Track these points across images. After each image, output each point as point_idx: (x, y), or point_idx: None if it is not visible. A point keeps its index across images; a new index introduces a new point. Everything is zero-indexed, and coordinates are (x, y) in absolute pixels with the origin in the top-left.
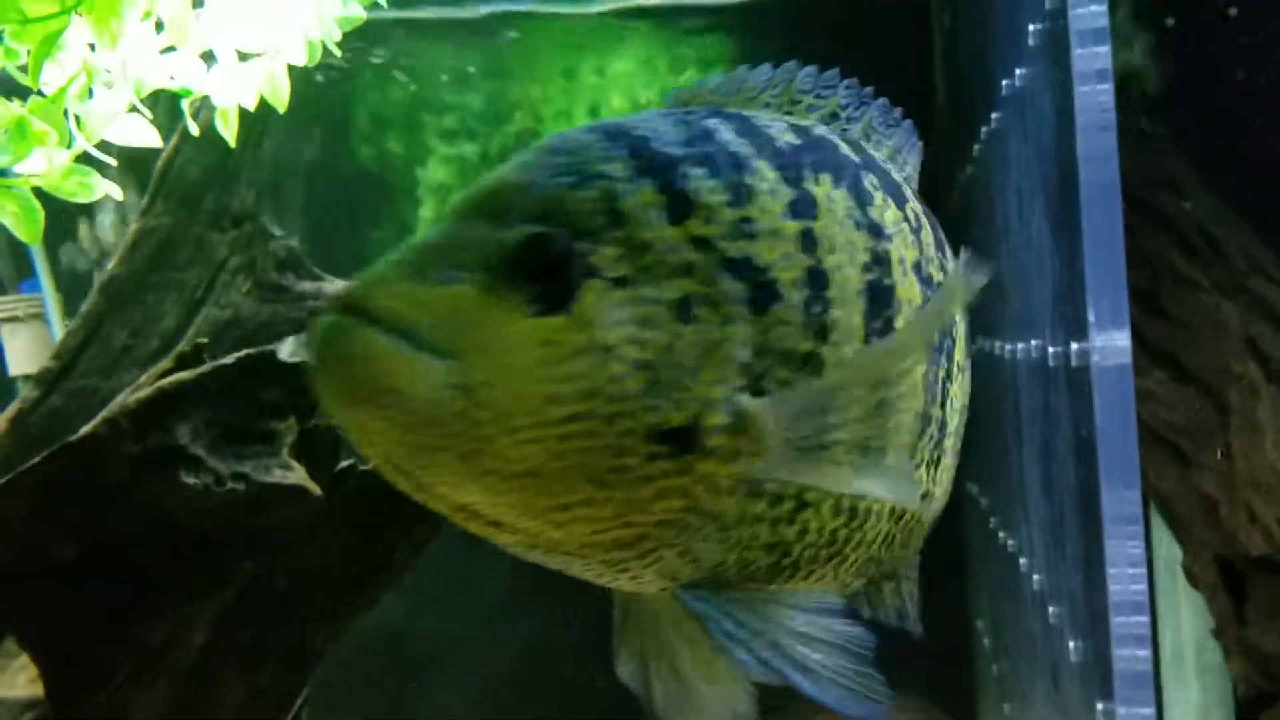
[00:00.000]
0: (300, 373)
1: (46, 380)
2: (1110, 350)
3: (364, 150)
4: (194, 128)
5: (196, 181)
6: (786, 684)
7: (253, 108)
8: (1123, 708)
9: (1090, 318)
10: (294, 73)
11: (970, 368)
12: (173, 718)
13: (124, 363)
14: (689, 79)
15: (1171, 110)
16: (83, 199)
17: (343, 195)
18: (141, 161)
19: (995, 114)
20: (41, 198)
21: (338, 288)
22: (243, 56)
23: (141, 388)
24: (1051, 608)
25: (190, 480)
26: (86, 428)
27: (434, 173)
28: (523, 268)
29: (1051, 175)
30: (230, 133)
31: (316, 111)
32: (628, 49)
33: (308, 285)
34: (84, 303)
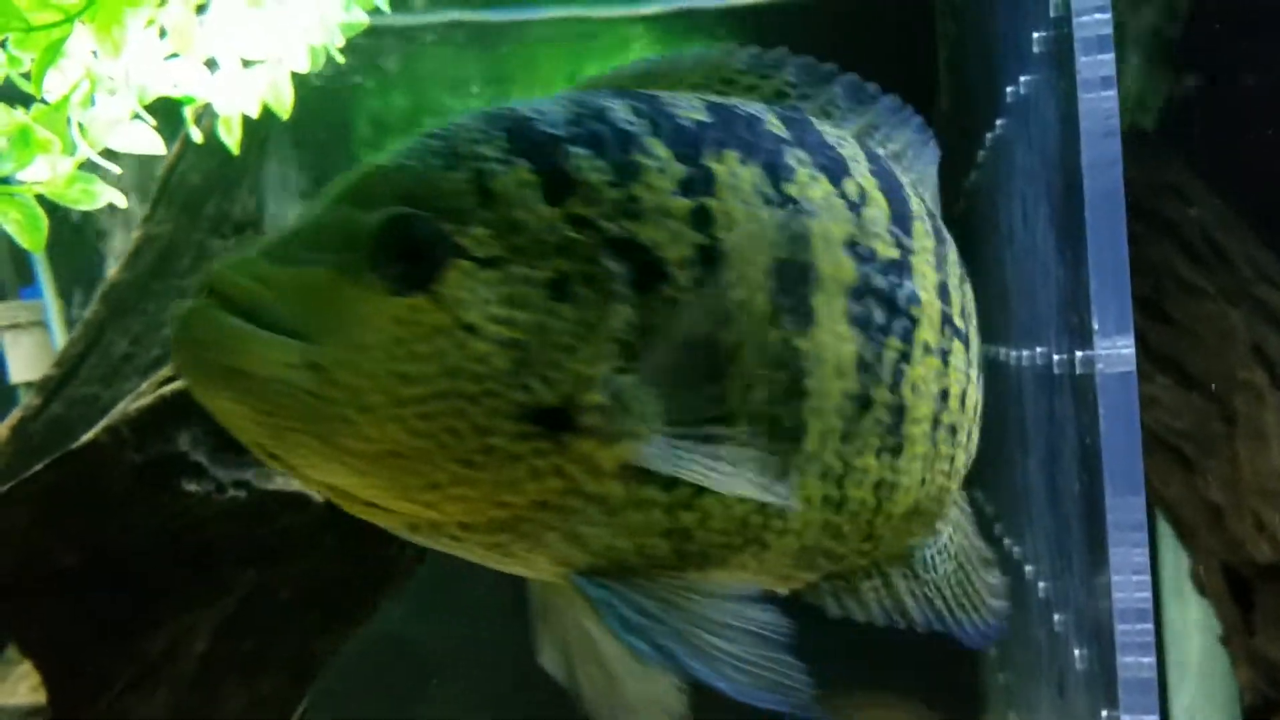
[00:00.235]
0: None
1: (48, 388)
2: (1114, 357)
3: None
4: (196, 135)
5: (198, 188)
6: (695, 680)
7: (255, 115)
8: (1128, 715)
9: (1094, 325)
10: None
11: (963, 351)
12: None
13: (125, 370)
14: None
15: (1175, 116)
16: (85, 206)
17: None
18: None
19: (999, 121)
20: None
21: None
22: (246, 64)
23: (143, 395)
24: (1057, 615)
25: (192, 488)
26: (88, 435)
27: None
28: (384, 249)
29: (1055, 182)
30: (233, 140)
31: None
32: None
33: None
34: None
